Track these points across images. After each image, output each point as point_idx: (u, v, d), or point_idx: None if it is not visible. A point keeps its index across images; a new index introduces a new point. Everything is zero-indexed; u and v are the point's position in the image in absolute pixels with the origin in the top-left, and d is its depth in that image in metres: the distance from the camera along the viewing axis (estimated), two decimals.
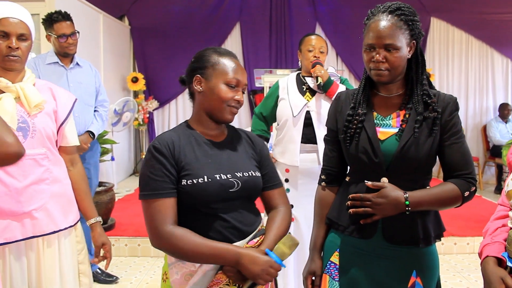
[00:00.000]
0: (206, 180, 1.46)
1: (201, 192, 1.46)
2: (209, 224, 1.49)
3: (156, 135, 8.01)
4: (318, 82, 2.77)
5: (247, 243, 1.52)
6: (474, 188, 1.55)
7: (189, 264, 1.47)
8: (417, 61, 1.60)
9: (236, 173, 1.53)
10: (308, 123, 2.81)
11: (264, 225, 1.65)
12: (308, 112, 2.81)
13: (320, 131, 2.78)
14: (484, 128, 7.35)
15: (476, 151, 7.48)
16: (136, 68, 7.67)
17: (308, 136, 2.80)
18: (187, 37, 7.41)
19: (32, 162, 1.82)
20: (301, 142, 2.79)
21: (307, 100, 2.83)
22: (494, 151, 6.93)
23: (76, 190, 2.01)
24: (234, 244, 1.48)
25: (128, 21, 7.61)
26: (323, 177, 1.76)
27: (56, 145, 1.96)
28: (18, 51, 1.78)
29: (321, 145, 2.76)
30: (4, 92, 1.80)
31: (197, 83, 1.57)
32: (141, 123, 7.36)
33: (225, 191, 1.48)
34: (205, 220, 1.49)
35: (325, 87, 2.78)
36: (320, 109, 2.80)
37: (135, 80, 7.16)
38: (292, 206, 2.39)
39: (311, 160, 2.80)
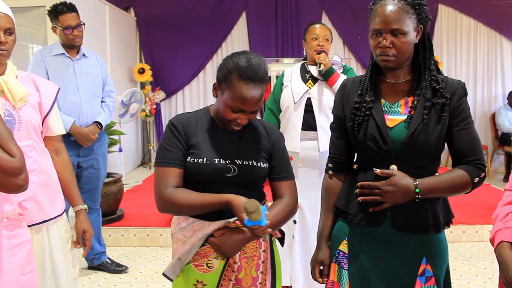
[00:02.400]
0: (205, 161, 1.60)
1: (198, 171, 1.61)
2: None
3: (163, 127, 7.99)
4: (320, 68, 2.79)
5: (229, 220, 1.60)
6: (483, 174, 1.54)
7: (181, 236, 1.64)
8: (424, 46, 1.58)
9: (236, 160, 1.64)
10: (309, 109, 2.82)
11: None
12: (309, 99, 2.83)
13: (320, 118, 2.80)
14: (493, 116, 7.27)
15: (485, 139, 7.39)
16: (142, 59, 7.66)
17: (309, 123, 2.82)
18: (193, 27, 7.39)
19: None
20: (302, 129, 2.81)
21: (309, 87, 2.85)
22: (503, 139, 6.85)
23: (62, 179, 2.05)
24: (214, 222, 1.59)
25: (134, 12, 7.58)
26: (330, 165, 1.74)
27: (41, 136, 1.98)
28: (6, 45, 1.79)
29: (321, 132, 2.78)
30: None
31: (214, 88, 1.66)
32: (149, 114, 7.35)
33: (221, 175, 1.60)
34: None
35: (326, 76, 2.80)
36: (321, 96, 2.82)
37: (141, 71, 7.15)
38: None
39: (313, 148, 2.80)
